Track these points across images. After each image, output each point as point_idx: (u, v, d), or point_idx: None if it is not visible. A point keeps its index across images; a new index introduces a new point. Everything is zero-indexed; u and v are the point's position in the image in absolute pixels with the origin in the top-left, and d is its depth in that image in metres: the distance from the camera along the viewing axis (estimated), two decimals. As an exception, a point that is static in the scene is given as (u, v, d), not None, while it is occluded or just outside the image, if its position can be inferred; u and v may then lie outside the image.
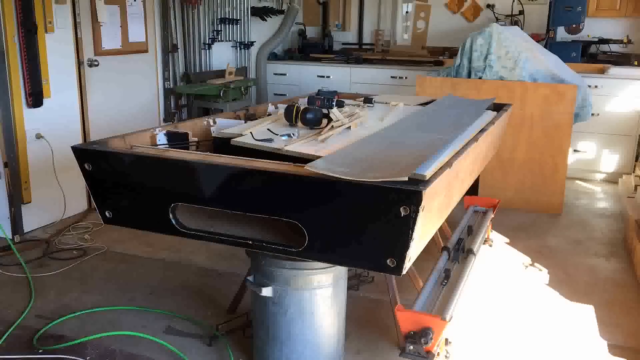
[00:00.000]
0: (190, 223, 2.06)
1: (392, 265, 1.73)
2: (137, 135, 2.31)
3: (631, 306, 2.89)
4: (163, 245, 3.53)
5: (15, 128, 3.54)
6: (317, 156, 1.97)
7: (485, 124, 2.82)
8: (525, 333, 2.62)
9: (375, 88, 5.48)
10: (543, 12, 5.50)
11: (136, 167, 2.04)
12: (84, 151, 2.08)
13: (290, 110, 2.48)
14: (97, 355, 2.40)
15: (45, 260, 3.35)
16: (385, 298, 2.56)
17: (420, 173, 1.73)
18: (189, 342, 2.51)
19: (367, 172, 1.74)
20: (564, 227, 3.93)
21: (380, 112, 2.95)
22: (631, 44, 5.41)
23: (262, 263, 2.10)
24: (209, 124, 2.61)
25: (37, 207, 3.75)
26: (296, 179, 1.79)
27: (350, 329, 2.45)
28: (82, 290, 2.98)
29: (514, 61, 4.23)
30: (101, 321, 2.67)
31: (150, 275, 3.17)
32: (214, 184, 1.93)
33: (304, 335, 2.14)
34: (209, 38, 5.20)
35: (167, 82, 4.89)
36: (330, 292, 2.13)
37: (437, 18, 6.11)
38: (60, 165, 3.76)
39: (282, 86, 6.04)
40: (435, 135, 2.38)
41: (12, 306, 2.80)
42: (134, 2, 4.42)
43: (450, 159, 2.04)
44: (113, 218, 2.15)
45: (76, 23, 3.92)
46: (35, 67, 3.57)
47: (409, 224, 1.65)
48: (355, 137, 2.30)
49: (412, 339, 1.97)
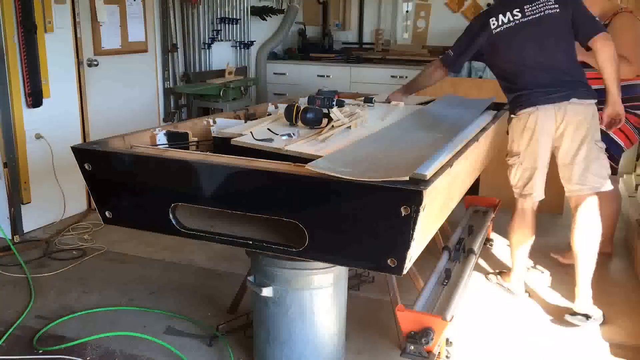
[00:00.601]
0: (190, 223, 2.05)
1: (393, 265, 1.73)
2: (136, 135, 2.31)
3: (632, 306, 2.88)
4: (163, 245, 3.52)
5: (15, 128, 3.53)
6: (317, 156, 1.97)
7: (486, 123, 2.81)
8: (525, 333, 2.62)
9: (376, 87, 5.46)
10: (543, 11, 5.48)
11: (136, 167, 2.03)
12: (84, 151, 2.08)
13: (291, 110, 2.48)
14: (97, 355, 2.40)
15: (45, 260, 3.35)
16: (385, 298, 2.55)
17: (420, 173, 1.72)
18: (189, 342, 2.51)
19: (368, 172, 1.73)
20: (565, 227, 3.91)
21: (380, 112, 2.94)
22: (632, 43, 5.39)
23: (262, 263, 2.09)
24: (209, 124, 2.61)
25: (36, 207, 3.74)
26: (296, 179, 1.78)
27: (350, 329, 2.44)
28: (82, 291, 2.98)
29: (515, 60, 4.22)
30: (101, 321, 2.66)
31: (150, 275, 3.16)
32: (214, 184, 1.93)
33: (305, 335, 2.13)
34: (209, 38, 5.19)
35: (167, 82, 4.88)
36: (330, 292, 2.12)
37: (438, 17, 6.10)
38: (60, 166, 3.76)
39: (282, 86, 6.03)
40: (435, 135, 2.38)
41: (11, 306, 2.80)
42: (133, 2, 4.41)
43: (451, 159, 2.03)
44: (113, 218, 2.15)
45: (76, 23, 3.91)
46: (34, 67, 3.56)
47: (410, 224, 1.65)
48: (355, 137, 2.30)
49: (412, 339, 1.97)
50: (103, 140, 2.17)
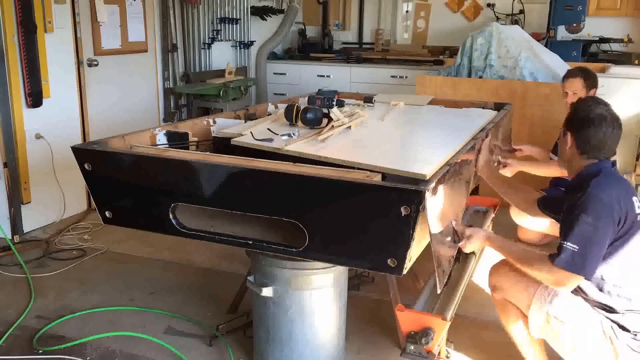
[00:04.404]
0: (190, 223, 2.05)
1: (393, 265, 1.73)
2: (136, 135, 2.30)
3: (632, 306, 2.88)
4: (163, 245, 3.52)
5: (15, 128, 3.53)
6: (317, 156, 1.97)
7: (486, 123, 2.81)
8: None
9: (376, 87, 5.46)
10: (543, 11, 5.48)
11: (136, 167, 2.03)
12: (84, 151, 2.08)
13: (291, 109, 2.48)
14: (97, 355, 2.40)
15: (45, 260, 3.34)
16: (386, 298, 2.55)
17: (421, 172, 1.72)
18: (189, 342, 2.51)
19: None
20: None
21: (380, 112, 2.94)
22: (632, 43, 5.40)
23: (262, 263, 2.09)
24: (209, 124, 2.61)
25: (36, 207, 3.74)
26: (296, 179, 1.78)
27: (350, 329, 2.44)
28: (82, 291, 2.98)
29: (515, 60, 4.22)
30: (101, 321, 2.66)
31: (150, 275, 3.16)
32: (214, 184, 1.93)
33: (305, 335, 2.13)
34: (209, 38, 5.18)
35: (167, 82, 4.88)
36: (330, 292, 2.12)
37: (438, 17, 6.10)
38: (60, 166, 3.76)
39: (282, 86, 6.03)
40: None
41: (12, 306, 2.79)
42: (133, 2, 4.41)
43: (451, 159, 2.03)
44: (113, 218, 2.15)
45: (76, 23, 3.91)
46: (34, 67, 3.56)
47: (410, 224, 1.65)
48: (356, 137, 2.30)
49: (412, 338, 1.97)
50: (103, 140, 2.17)
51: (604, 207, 1.84)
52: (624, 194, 1.91)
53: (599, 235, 1.84)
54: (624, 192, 1.92)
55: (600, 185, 1.88)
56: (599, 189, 1.87)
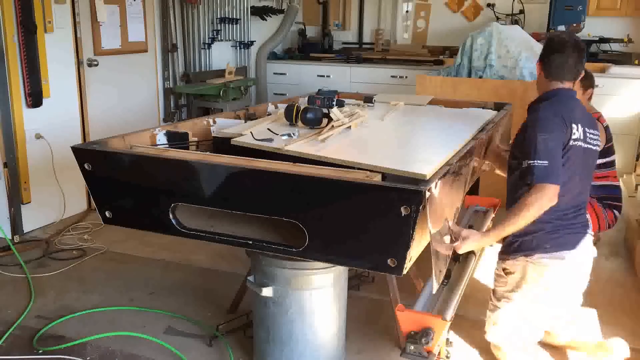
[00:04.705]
0: (190, 223, 2.05)
1: (393, 265, 1.73)
2: (136, 135, 2.30)
3: (632, 306, 2.88)
4: (163, 245, 3.52)
5: (15, 128, 3.53)
6: (317, 156, 1.97)
7: (486, 123, 2.81)
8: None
9: (376, 87, 5.46)
10: (543, 11, 5.49)
11: (136, 167, 2.03)
12: (84, 151, 2.08)
13: (291, 109, 2.48)
14: (97, 355, 2.40)
15: (45, 260, 3.34)
16: (385, 298, 2.55)
17: (421, 172, 1.72)
18: (189, 342, 2.51)
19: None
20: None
21: (380, 112, 2.94)
22: (632, 43, 5.40)
23: (262, 263, 2.09)
24: (208, 124, 2.61)
25: (36, 207, 3.74)
26: (296, 179, 1.78)
27: (350, 329, 2.44)
28: (82, 291, 2.98)
29: (515, 60, 4.22)
30: (101, 321, 2.66)
31: (150, 275, 3.16)
32: (214, 184, 1.93)
33: (305, 335, 2.13)
34: (209, 38, 5.19)
35: (167, 82, 4.88)
36: (330, 292, 2.12)
37: (438, 17, 6.10)
38: (60, 166, 3.76)
39: (282, 86, 6.03)
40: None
41: (12, 306, 2.79)
42: (133, 2, 4.41)
43: (451, 158, 2.03)
44: (113, 218, 2.15)
45: (76, 23, 3.91)
46: (34, 67, 3.56)
47: (410, 224, 1.65)
48: (355, 137, 2.30)
49: (412, 339, 1.97)
50: (103, 140, 2.16)
51: (552, 122, 2.12)
52: (567, 117, 2.16)
53: (557, 146, 2.10)
54: (567, 115, 2.16)
55: (547, 106, 2.19)
56: (545, 110, 2.17)
